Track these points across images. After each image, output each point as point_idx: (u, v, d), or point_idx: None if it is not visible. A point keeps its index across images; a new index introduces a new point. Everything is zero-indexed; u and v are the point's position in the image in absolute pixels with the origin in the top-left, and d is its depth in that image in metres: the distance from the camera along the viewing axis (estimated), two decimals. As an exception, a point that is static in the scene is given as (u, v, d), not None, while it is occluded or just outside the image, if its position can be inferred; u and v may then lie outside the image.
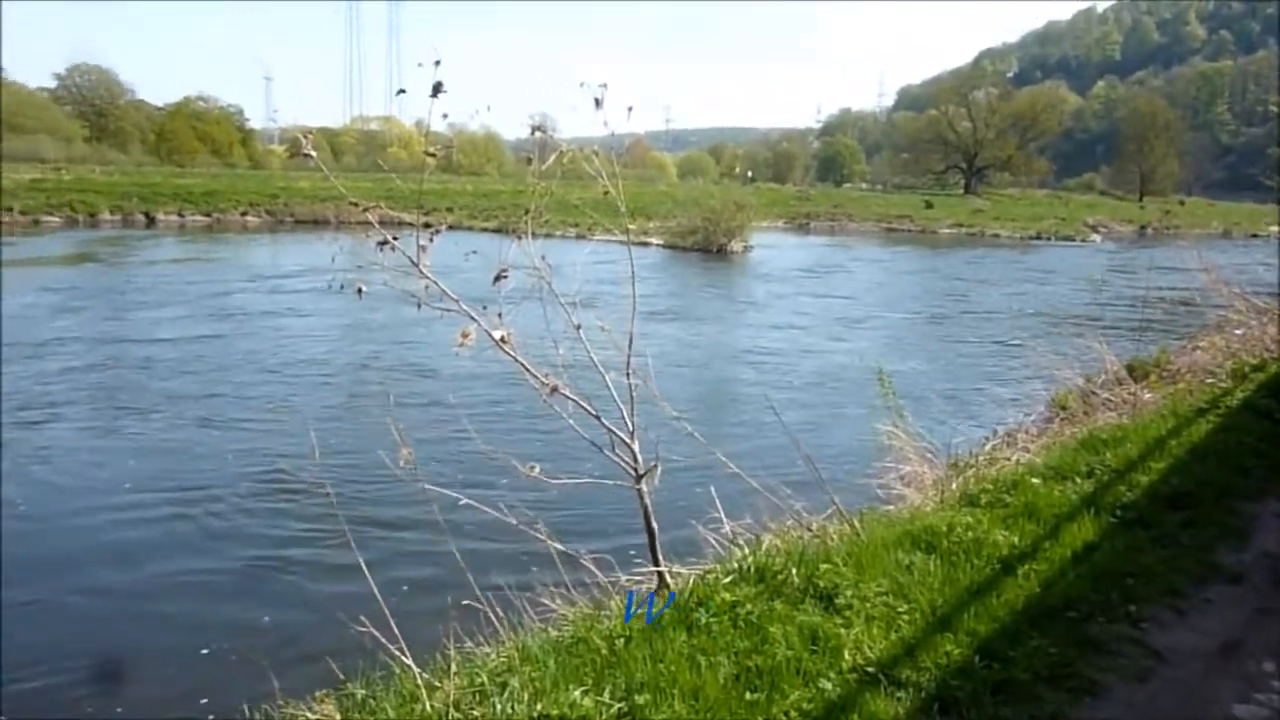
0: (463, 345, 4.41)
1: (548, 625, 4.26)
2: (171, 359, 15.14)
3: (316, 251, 32.88)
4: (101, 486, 9.09)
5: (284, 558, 7.51)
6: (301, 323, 19.08)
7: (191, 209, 46.91)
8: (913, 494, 7.26)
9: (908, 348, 18.16)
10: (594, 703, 2.92)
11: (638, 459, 4.95)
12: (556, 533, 4.93)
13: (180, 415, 11.73)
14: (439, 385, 13.40)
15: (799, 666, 3.35)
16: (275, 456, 9.92)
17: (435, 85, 4.39)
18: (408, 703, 2.94)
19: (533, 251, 4.88)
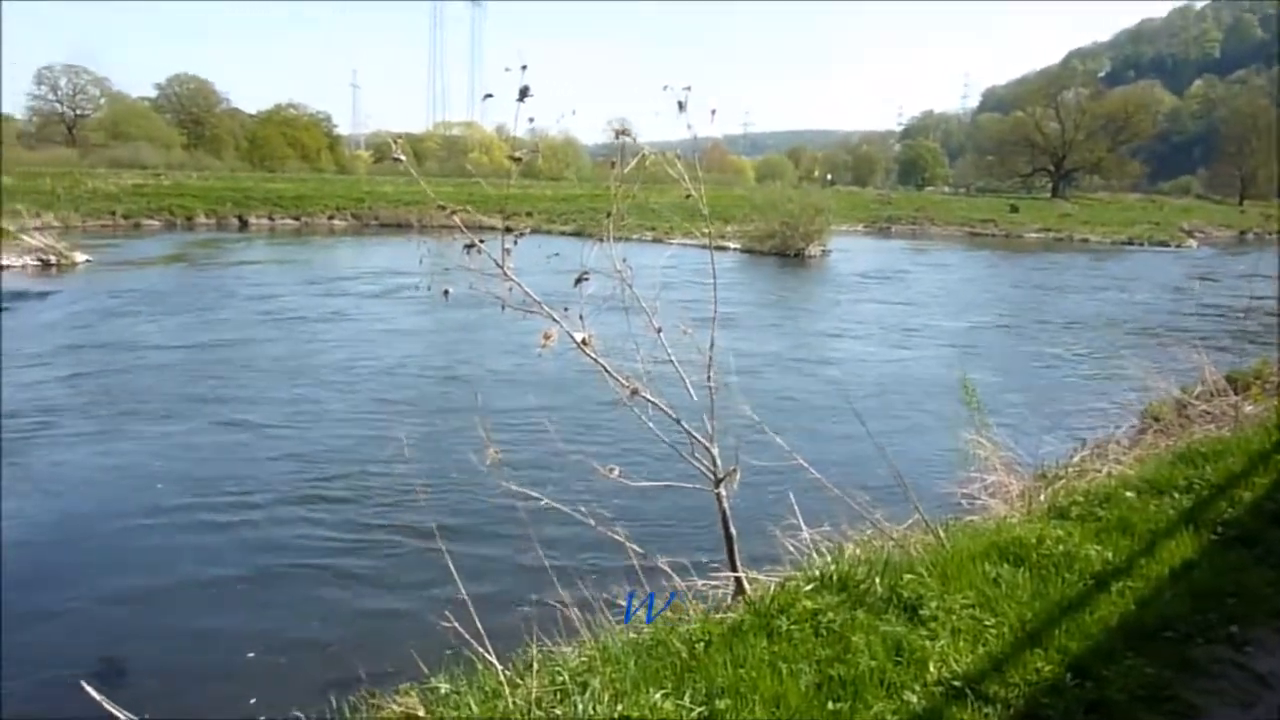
0: (545, 347, 4.45)
1: (625, 627, 4.26)
2: (257, 358, 15.63)
3: (399, 254, 33.64)
4: (191, 483, 9.40)
5: (372, 552, 7.69)
6: (384, 324, 19.50)
7: (281, 212, 48.40)
8: (998, 505, 7.08)
9: (990, 355, 17.72)
10: (674, 706, 2.91)
11: (717, 463, 4.93)
12: (634, 535, 4.94)
13: (270, 413, 12.09)
14: (520, 387, 13.56)
15: (883, 677, 3.28)
16: (364, 454, 10.17)
17: (522, 89, 4.43)
18: (490, 699, 2.97)
19: (614, 254, 4.89)
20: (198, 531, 8.09)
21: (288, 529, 8.18)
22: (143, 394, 12.92)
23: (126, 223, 43.27)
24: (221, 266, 30.11)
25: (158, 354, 15.79)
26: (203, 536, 7.99)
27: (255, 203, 49.11)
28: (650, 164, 4.95)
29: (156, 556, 7.56)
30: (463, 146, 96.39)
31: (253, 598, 6.91)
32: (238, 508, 8.64)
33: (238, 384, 13.68)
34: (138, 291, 22.98)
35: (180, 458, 10.14)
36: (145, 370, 14.49)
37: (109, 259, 30.03)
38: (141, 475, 9.54)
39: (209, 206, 47.27)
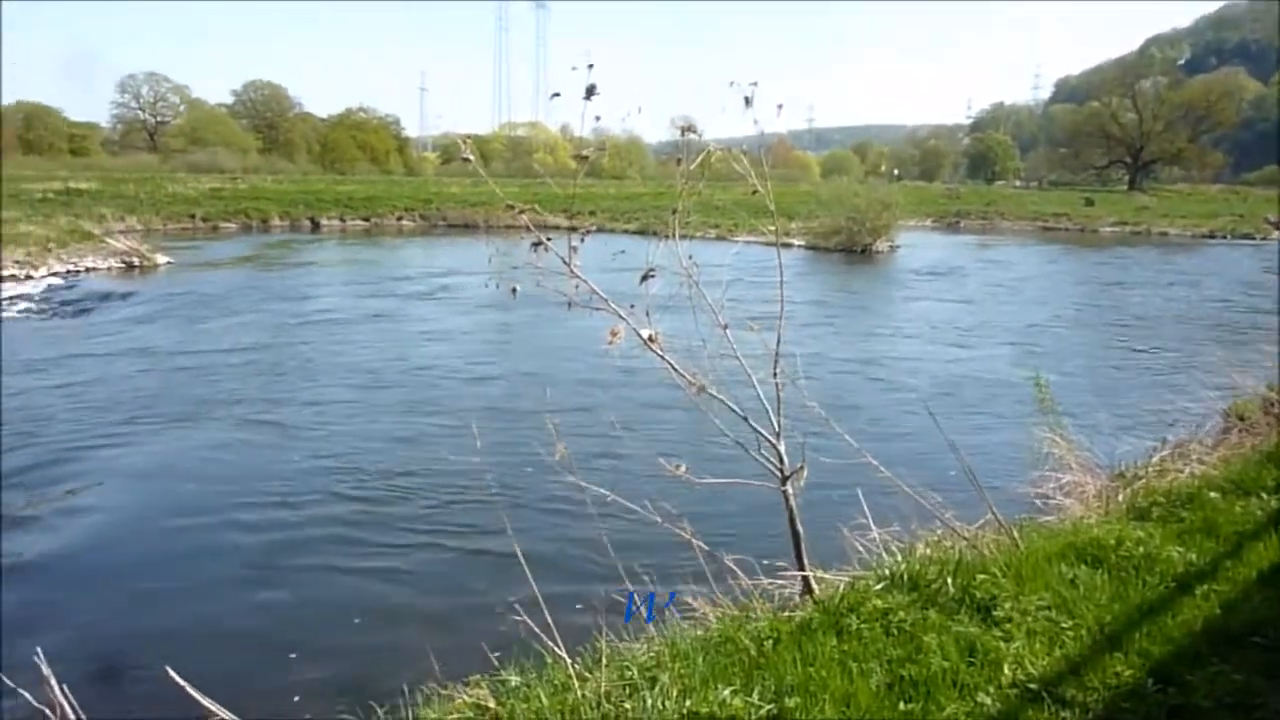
0: (612, 344, 4.47)
1: (692, 624, 4.26)
2: (330, 356, 15.99)
3: (466, 254, 34.07)
4: (264, 478, 9.66)
5: (444, 546, 7.84)
6: (451, 323, 19.79)
7: (352, 214, 49.41)
8: (1074, 505, 6.91)
9: (1061, 353, 17.27)
10: (743, 703, 2.90)
11: (783, 460, 4.89)
12: (700, 533, 4.93)
13: (341, 410, 12.37)
14: (587, 384, 13.64)
15: (955, 678, 3.23)
16: (433, 450, 10.35)
17: (588, 88, 4.46)
18: (560, 692, 3.00)
19: (679, 252, 4.88)
20: (270, 526, 8.32)
21: (360, 524, 8.36)
22: (217, 391, 13.32)
23: (205, 225, 44.65)
24: (294, 267, 30.88)
25: (232, 352, 16.26)
26: (275, 531, 8.21)
27: (327, 205, 50.22)
28: (716, 160, 4.94)
29: (231, 551, 7.79)
30: (527, 147, 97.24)
31: (325, 591, 7.09)
32: (310, 502, 8.86)
33: (310, 380, 14.01)
34: (214, 292, 23.68)
35: (253, 453, 10.43)
36: (220, 367, 14.93)
37: (188, 260, 31.00)
38: (215, 470, 9.84)
39: (283, 209, 48.49)
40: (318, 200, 51.08)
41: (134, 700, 5.34)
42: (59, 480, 9.45)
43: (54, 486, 9.27)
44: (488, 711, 3.02)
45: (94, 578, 7.39)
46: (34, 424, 11.48)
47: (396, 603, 6.85)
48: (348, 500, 8.90)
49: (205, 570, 7.43)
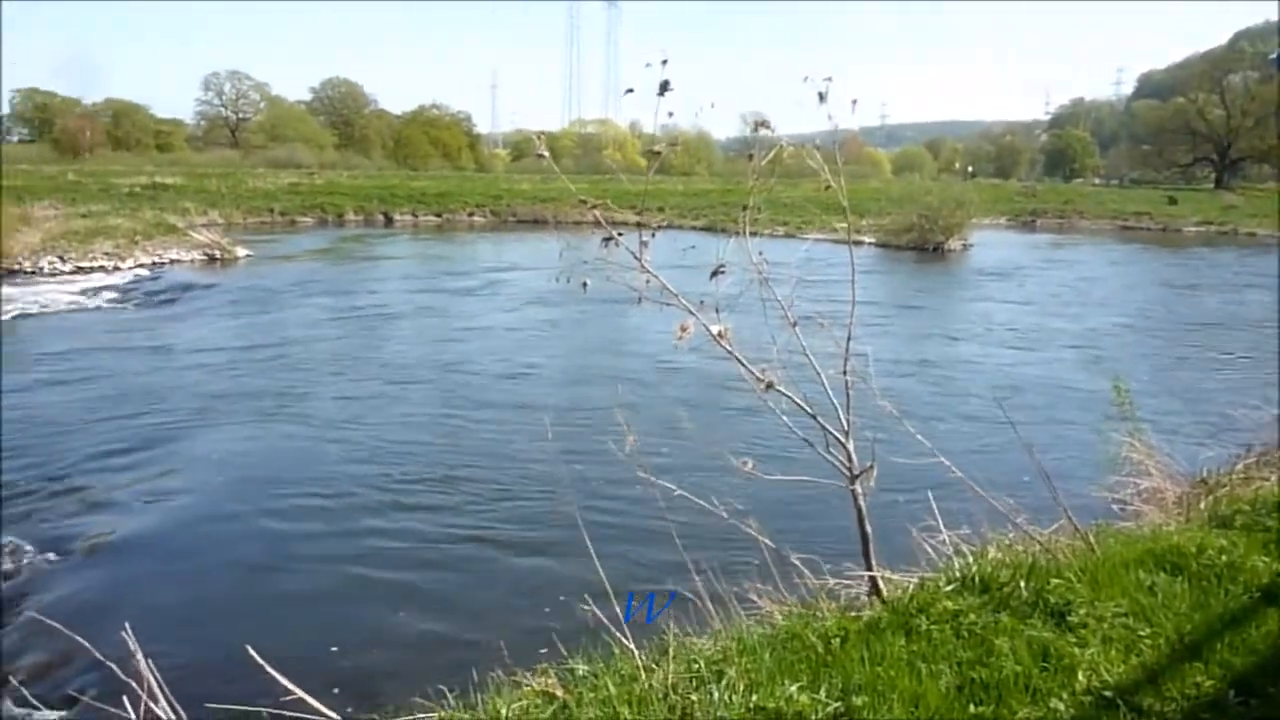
0: (681, 339, 4.48)
1: (757, 621, 4.26)
2: (400, 348, 16.31)
3: (535, 249, 34.41)
4: (337, 468, 9.90)
5: (515, 534, 7.98)
6: (519, 318, 20.00)
7: (424, 209, 50.25)
8: (1153, 511, 6.72)
9: (1139, 356, 16.78)
10: (810, 700, 2.90)
11: (853, 459, 4.85)
12: (766, 530, 4.92)
13: (412, 400, 12.61)
14: (656, 378, 13.69)
15: (1028, 683, 3.18)
16: (503, 442, 10.52)
17: (662, 84, 4.47)
18: (627, 682, 3.03)
19: (749, 248, 4.87)
20: (341, 513, 8.53)
21: (430, 511, 8.52)
22: (291, 382, 13.69)
23: (283, 219, 45.86)
24: (367, 261, 31.54)
25: (306, 344, 16.69)
26: (345, 518, 8.42)
27: (400, 200, 51.17)
28: (787, 156, 4.91)
29: (302, 537, 8.00)
30: (597, 144, 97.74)
31: (395, 577, 7.25)
32: (381, 491, 9.06)
33: (381, 372, 14.31)
34: (291, 284, 24.32)
35: (323, 442, 10.70)
36: (295, 359, 15.34)
37: (266, 253, 31.86)
38: (285, 458, 10.12)
39: (358, 204, 49.55)
40: (391, 195, 52.07)
41: (213, 676, 5.51)
42: (142, 465, 9.83)
43: (136, 471, 9.64)
44: (556, 699, 3.07)
45: (173, 558, 7.67)
46: (121, 410, 11.95)
47: (466, 590, 6.98)
48: (417, 489, 9.09)
49: (276, 555, 7.65)
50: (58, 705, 5.34)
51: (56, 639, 5.86)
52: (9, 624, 6.58)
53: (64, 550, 7.74)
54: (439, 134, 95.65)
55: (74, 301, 21.50)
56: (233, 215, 42.99)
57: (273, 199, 48.50)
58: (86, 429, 11.08)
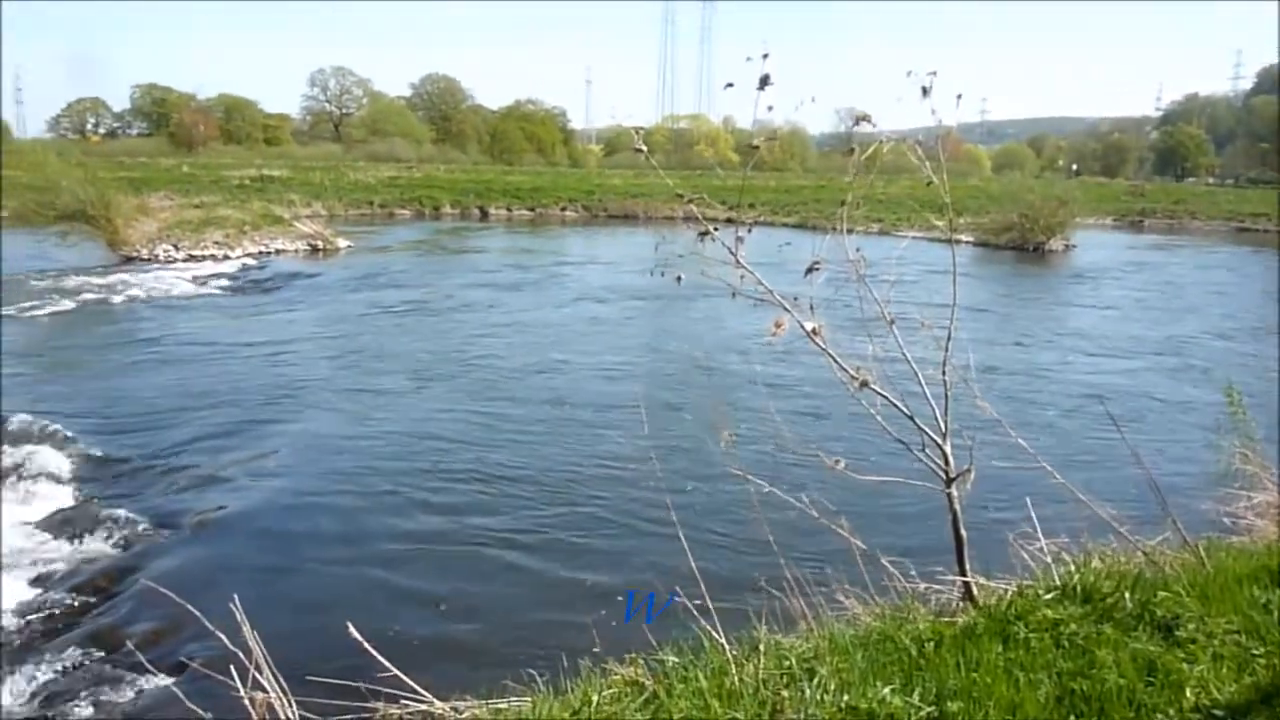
0: (776, 335, 4.45)
1: (847, 621, 4.21)
2: (493, 338, 16.59)
3: (626, 244, 34.60)
4: (427, 449, 10.13)
5: (606, 524, 8.08)
6: (614, 311, 20.13)
7: (518, 204, 51.02)
8: (1268, 526, 6.40)
9: (1247, 365, 15.93)
10: (903, 702, 2.86)
11: (949, 461, 4.75)
12: (856, 530, 4.85)
13: (504, 389, 12.83)
14: (746, 375, 13.64)
15: (1132, 697, 3.07)
16: (596, 433, 10.63)
17: (762, 78, 4.44)
18: (717, 676, 3.04)
19: (846, 245, 4.81)
20: (435, 497, 8.74)
21: (522, 501, 8.66)
22: (387, 369, 14.07)
23: (382, 212, 47.15)
24: (462, 253, 32.17)
25: (403, 332, 17.13)
26: (440, 502, 8.62)
27: (495, 194, 52.05)
28: (888, 152, 4.83)
29: (395, 520, 8.21)
30: (689, 139, 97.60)
31: (486, 563, 7.39)
32: (470, 476, 9.24)
33: (477, 361, 14.58)
34: (388, 274, 25.00)
35: (420, 430, 10.95)
36: (392, 347, 15.76)
37: (366, 245, 32.80)
38: (381, 442, 10.39)
39: (454, 197, 50.61)
40: (487, 190, 53.01)
41: (311, 650, 5.70)
42: (245, 445, 10.24)
43: (240, 451, 10.04)
44: (645, 689, 3.09)
45: (274, 535, 7.98)
46: (226, 393, 12.48)
47: (556, 576, 7.08)
48: (508, 477, 9.24)
49: (370, 536, 7.88)
50: (169, 671, 5.60)
51: (167, 608, 6.16)
52: (123, 592, 6.94)
53: (174, 525, 8.13)
54: (534, 129, 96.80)
55: (187, 288, 22.50)
56: (335, 207, 44.41)
57: (373, 192, 49.93)
58: (195, 410, 11.60)
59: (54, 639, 6.35)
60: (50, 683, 5.81)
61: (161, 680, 5.54)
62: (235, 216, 31.85)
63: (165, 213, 31.44)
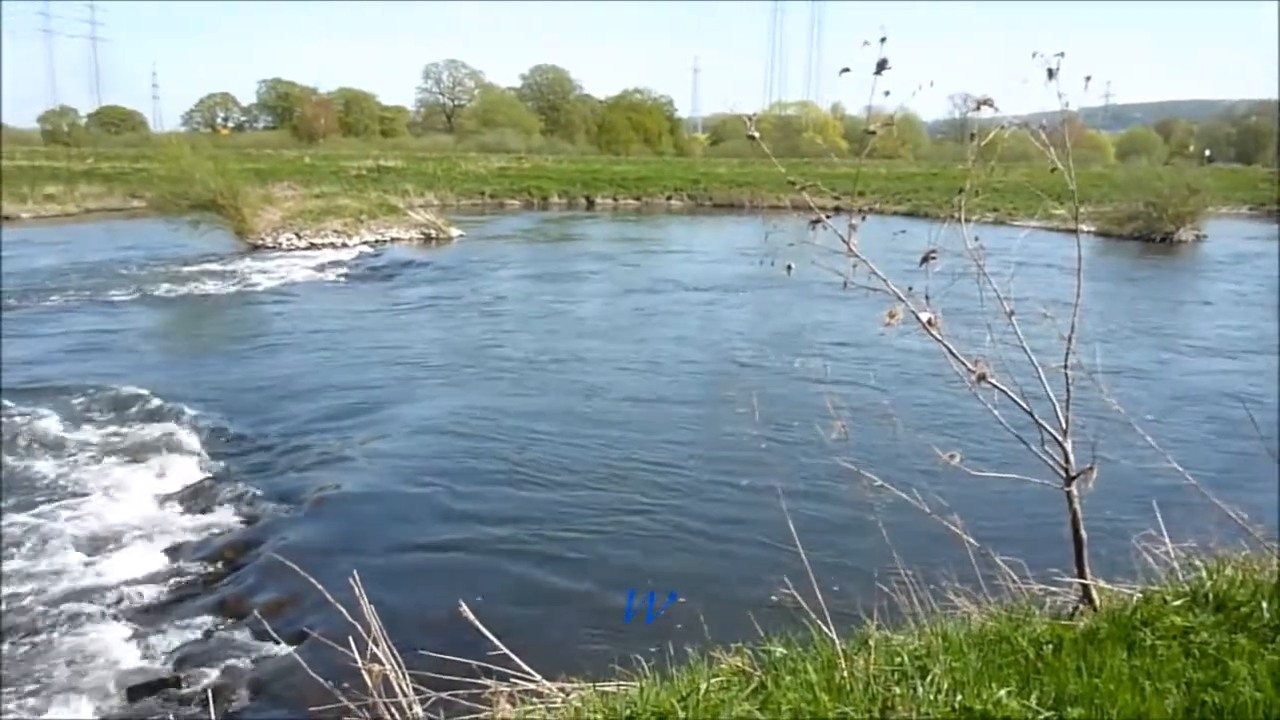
0: (889, 325, 4.36)
1: (958, 621, 4.10)
2: (599, 326, 16.74)
3: (730, 232, 34.44)
4: (534, 435, 10.29)
5: (718, 513, 8.10)
6: (720, 299, 20.06)
7: (624, 193, 51.34)
8: None
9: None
10: (1020, 705, 2.77)
11: (1069, 459, 4.57)
12: (968, 528, 4.72)
13: (611, 376, 12.94)
14: (858, 366, 13.44)
15: (1269, 712, 2.90)
16: (706, 418, 10.65)
17: (880, 62, 4.33)
18: (826, 669, 3.00)
19: (965, 234, 4.66)
20: (541, 483, 8.87)
21: (627, 488, 8.72)
22: (497, 354, 14.38)
23: (492, 201, 48.12)
24: (569, 242, 32.59)
25: (511, 320, 17.45)
26: (546, 488, 8.75)
27: (602, 184, 52.52)
28: (1009, 137, 4.66)
29: (511, 507, 8.36)
30: (797, 126, 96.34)
31: (592, 548, 7.48)
32: (574, 463, 9.36)
33: (582, 350, 14.75)
34: (499, 262, 25.53)
35: (529, 414, 11.14)
36: (504, 334, 16.08)
37: (477, 234, 33.53)
38: (490, 427, 10.61)
39: (562, 187, 51.27)
40: (593, 179, 53.54)
41: (423, 625, 5.88)
42: (362, 426, 10.62)
43: (357, 431, 10.41)
44: (752, 679, 3.08)
45: (387, 513, 8.25)
46: (344, 375, 12.96)
47: (662, 564, 7.13)
48: (614, 465, 9.32)
49: (479, 517, 8.06)
50: (290, 640, 5.86)
51: (288, 580, 6.46)
52: (248, 563, 7.30)
53: (294, 500, 8.50)
54: (640, 118, 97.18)
55: (308, 274, 23.43)
56: (447, 197, 45.57)
57: (483, 182, 51.00)
58: (314, 391, 12.10)
59: (185, 605, 6.73)
60: (182, 646, 6.16)
61: (283, 649, 5.79)
62: (353, 206, 32.96)
63: (288, 202, 32.77)
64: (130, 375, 12.78)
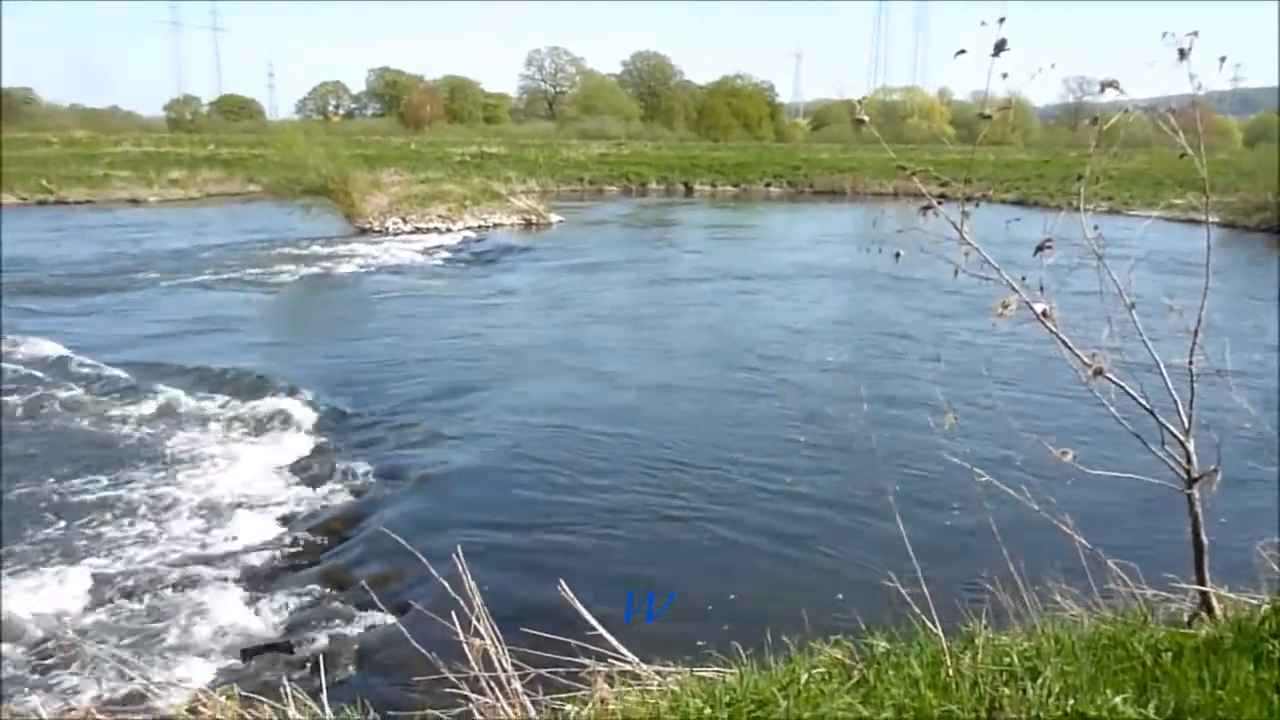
0: (1002, 316, 4.23)
1: (1066, 624, 3.96)
2: (696, 316, 16.71)
3: (830, 219, 33.91)
4: (636, 418, 10.33)
5: (821, 505, 8.00)
6: (826, 291, 19.79)
7: (723, 180, 51.08)
8: None
9: None
10: (1136, 714, 2.66)
11: (1192, 460, 4.36)
12: (1079, 529, 4.55)
13: (713, 365, 12.91)
14: (965, 356, 13.12)
15: None
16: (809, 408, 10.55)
17: (998, 43, 4.19)
18: (931, 666, 2.94)
19: (1083, 223, 4.48)
20: (639, 468, 8.91)
21: (727, 477, 8.67)
22: (594, 338, 14.53)
23: (592, 188, 48.50)
24: (667, 228, 32.62)
25: (607, 305, 17.58)
26: (644, 474, 8.77)
27: (700, 170, 52.35)
28: (1131, 122, 4.45)
29: (610, 492, 8.40)
30: (902, 112, 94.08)
31: (688, 534, 7.49)
32: (682, 453, 9.34)
33: (678, 335, 14.76)
34: (597, 248, 25.74)
35: (626, 399, 11.20)
36: (597, 318, 16.22)
37: (576, 219, 33.86)
38: (598, 413, 10.69)
39: (660, 174, 51.32)
40: (692, 165, 53.41)
41: (522, 604, 5.98)
42: (463, 408, 10.85)
43: (458, 412, 10.64)
44: (854, 672, 3.04)
45: (488, 493, 8.40)
46: (447, 357, 13.27)
47: (763, 554, 7.09)
48: (713, 452, 9.27)
49: (581, 500, 8.13)
50: (394, 611, 6.05)
51: (393, 553, 6.66)
52: (355, 536, 7.55)
53: (399, 477, 8.74)
54: (741, 104, 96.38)
55: (413, 258, 24.05)
56: (547, 183, 46.11)
57: (583, 168, 51.42)
58: (419, 372, 12.42)
59: (296, 573, 7.00)
60: (293, 612, 6.41)
61: (388, 619, 5.97)
62: (457, 191, 33.62)
63: (395, 188, 33.61)
64: (247, 352, 13.39)
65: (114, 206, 37.12)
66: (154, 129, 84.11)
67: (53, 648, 5.81)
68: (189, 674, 5.48)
